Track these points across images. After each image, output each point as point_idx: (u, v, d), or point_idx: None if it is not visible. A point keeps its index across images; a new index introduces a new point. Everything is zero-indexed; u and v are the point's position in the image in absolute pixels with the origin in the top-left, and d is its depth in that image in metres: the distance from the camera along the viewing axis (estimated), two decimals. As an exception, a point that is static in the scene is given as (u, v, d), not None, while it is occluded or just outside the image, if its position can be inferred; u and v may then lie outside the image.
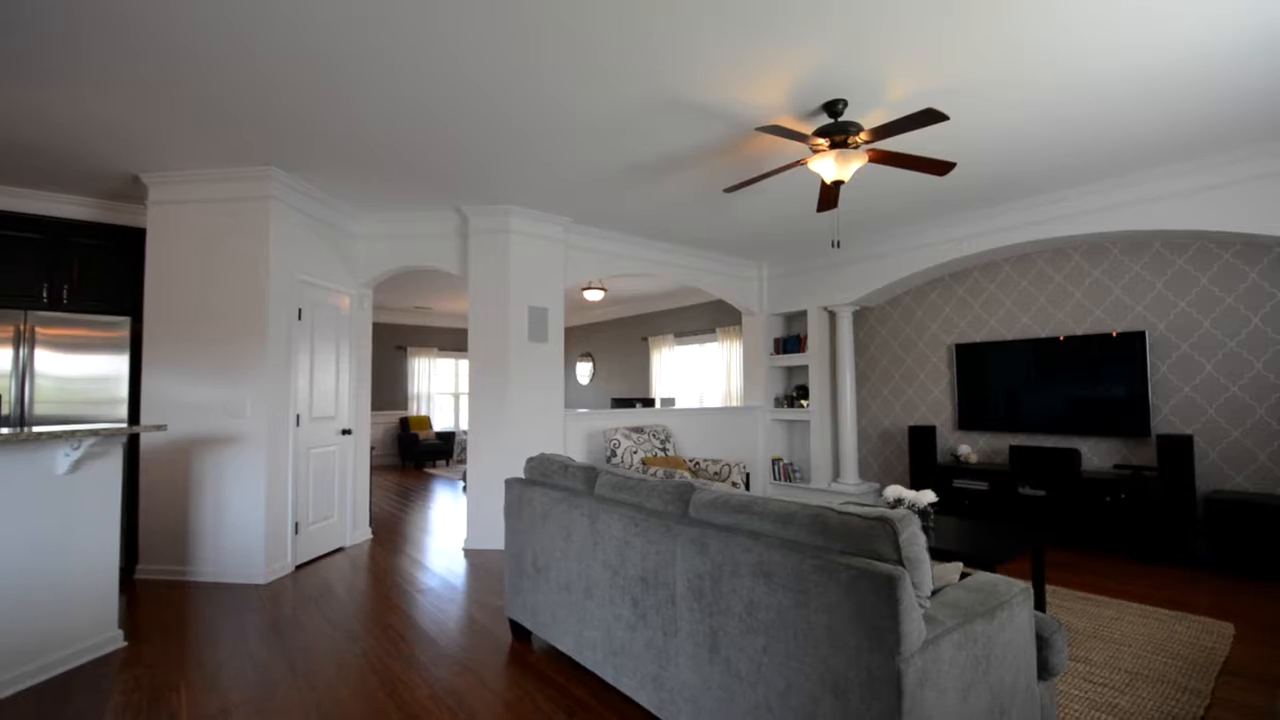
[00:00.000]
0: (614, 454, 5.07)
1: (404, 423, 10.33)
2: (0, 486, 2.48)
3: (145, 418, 4.01)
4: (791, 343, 6.77)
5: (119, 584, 3.01)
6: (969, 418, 5.58)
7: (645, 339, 9.92)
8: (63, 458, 2.67)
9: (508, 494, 3.02)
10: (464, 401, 11.78)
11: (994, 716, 1.58)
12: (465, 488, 7.87)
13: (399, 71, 2.83)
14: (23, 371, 3.76)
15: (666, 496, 2.11)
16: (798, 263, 6.67)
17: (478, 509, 4.85)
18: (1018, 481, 4.91)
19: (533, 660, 2.79)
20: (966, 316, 5.76)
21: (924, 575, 1.48)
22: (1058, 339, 5.04)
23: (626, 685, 2.21)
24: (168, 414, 4.00)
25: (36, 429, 2.61)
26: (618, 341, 10.67)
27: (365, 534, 5.13)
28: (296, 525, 4.24)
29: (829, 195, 3.79)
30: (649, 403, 7.10)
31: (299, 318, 4.30)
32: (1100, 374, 4.77)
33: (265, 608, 3.50)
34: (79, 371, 3.94)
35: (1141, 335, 4.57)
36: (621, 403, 6.89)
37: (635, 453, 5.07)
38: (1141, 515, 4.27)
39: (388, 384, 10.58)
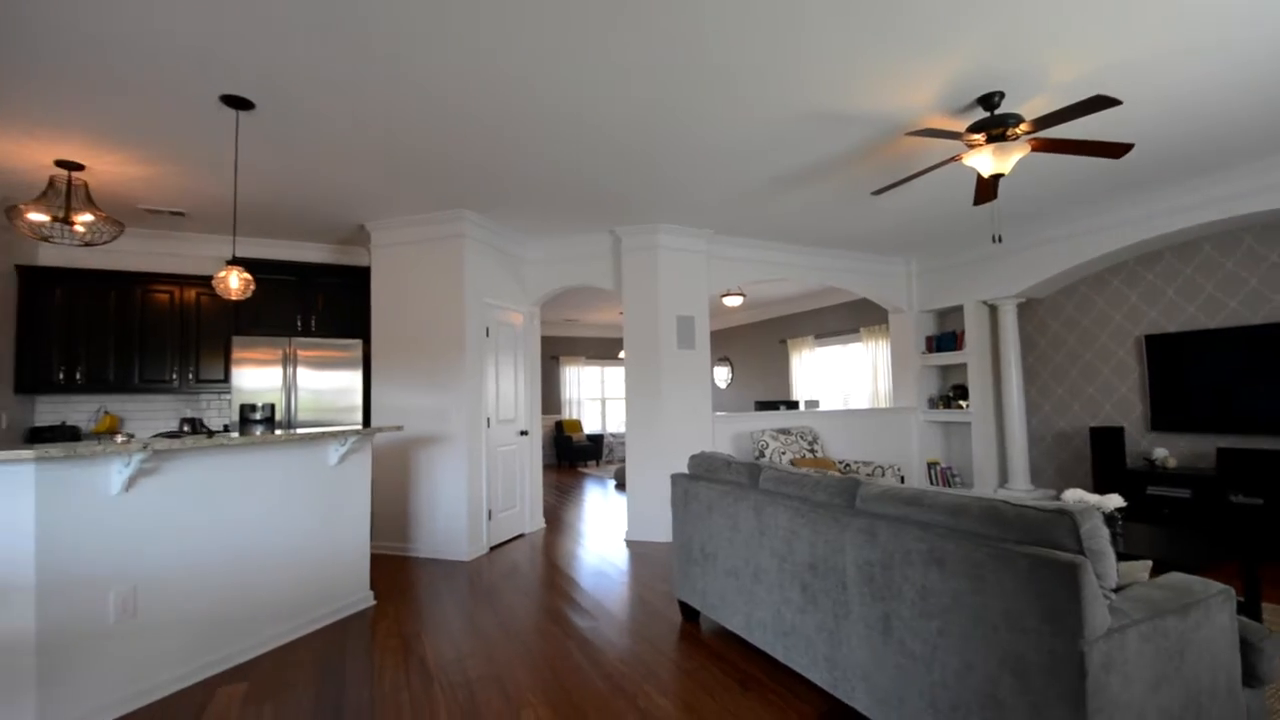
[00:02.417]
0: (762, 454, 5.24)
1: (558, 426, 11.22)
2: (296, 474, 3.25)
3: (375, 421, 4.90)
4: (946, 340, 6.47)
5: (369, 554, 3.76)
6: (1165, 418, 5.01)
7: (784, 341, 9.92)
8: (334, 452, 3.43)
9: (674, 488, 3.34)
10: (610, 406, 12.51)
11: (1189, 713, 1.57)
12: (616, 486, 8.44)
13: (559, 136, 3.28)
14: (289, 386, 4.79)
15: (832, 490, 2.29)
16: (951, 256, 6.38)
17: (636, 503, 5.26)
18: (1228, 488, 4.34)
19: (703, 638, 3.08)
20: (1158, 304, 5.17)
21: (1107, 567, 1.53)
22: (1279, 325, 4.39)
23: (798, 663, 2.41)
24: (391, 418, 4.87)
25: (316, 430, 3.39)
26: (755, 345, 10.75)
27: (540, 523, 5.76)
28: (490, 513, 4.92)
29: (986, 188, 3.69)
30: (792, 405, 7.14)
31: (487, 335, 5.00)
32: (1341, 365, 4.09)
33: (471, 580, 4.14)
34: (326, 385, 4.92)
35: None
36: (765, 405, 7.01)
37: (783, 454, 5.20)
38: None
39: (544, 390, 11.56)
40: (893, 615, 1.94)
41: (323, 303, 5.22)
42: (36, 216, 3.46)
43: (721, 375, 11.66)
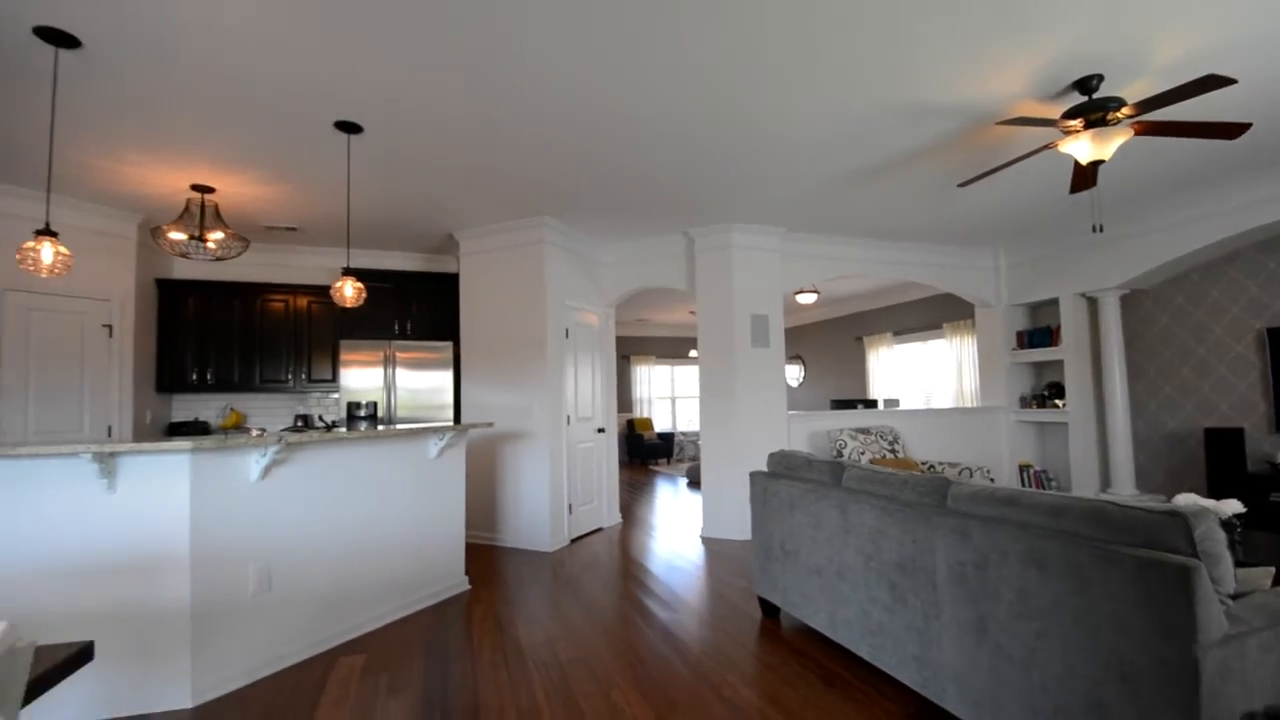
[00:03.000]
0: (839, 454, 5.17)
1: (630, 424, 11.41)
2: (401, 466, 3.52)
3: (464, 418, 5.20)
4: (1039, 335, 6.14)
5: (463, 543, 4.02)
6: (1296, 418, 4.56)
7: (860, 338, 9.66)
8: (433, 446, 3.69)
9: (753, 485, 3.39)
10: (680, 405, 12.58)
11: (1324, 730, 1.48)
12: (688, 484, 8.51)
13: (633, 139, 3.38)
14: (389, 385, 5.17)
15: (922, 489, 2.27)
16: (1044, 246, 6.04)
17: (711, 501, 5.31)
18: (1377, 497, 3.91)
19: (783, 634, 3.10)
20: (1287, 294, 4.72)
21: (1224, 572, 1.47)
22: None
23: (886, 663, 2.40)
24: (479, 415, 5.15)
25: (417, 425, 3.65)
26: (829, 342, 10.52)
27: (616, 518, 5.92)
28: (570, 506, 5.12)
29: (1084, 175, 3.51)
30: (870, 404, 6.97)
31: (566, 336, 5.20)
32: None
33: (554, 570, 4.33)
34: (421, 384, 5.27)
35: None
36: (840, 404, 6.88)
37: (862, 453, 5.11)
38: None
39: (617, 389, 11.76)
40: (988, 616, 1.92)
41: (416, 308, 5.59)
42: (176, 235, 3.92)
43: (793, 373, 11.49)
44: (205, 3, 2.30)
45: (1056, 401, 6.00)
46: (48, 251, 2.56)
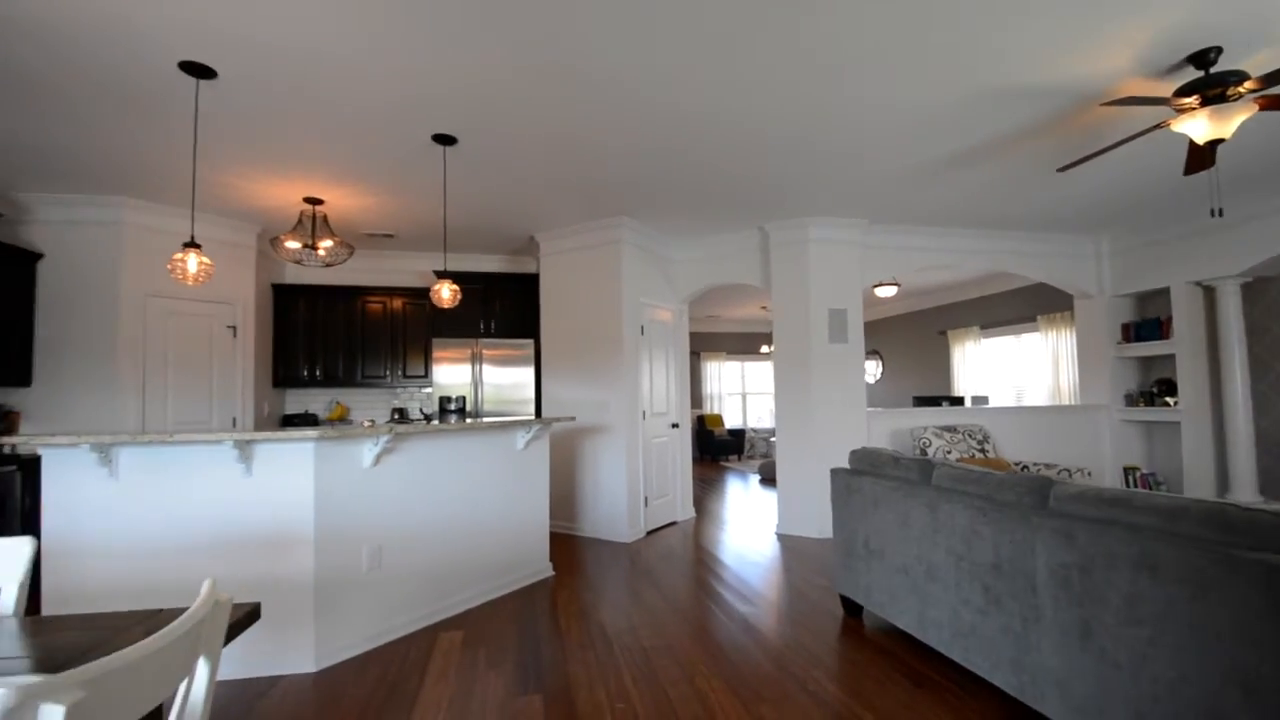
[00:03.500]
0: (924, 453, 5.01)
1: (700, 420, 11.43)
2: (492, 456, 3.73)
3: (545, 412, 5.42)
4: (1148, 327, 5.70)
5: (547, 531, 4.20)
6: None
7: (943, 332, 9.25)
8: (520, 438, 3.88)
9: (834, 482, 3.36)
10: (750, 401, 12.48)
11: None
12: (761, 480, 8.45)
13: (709, 136, 3.41)
14: (476, 380, 5.46)
15: (1020, 489, 2.20)
16: (1153, 232, 5.59)
17: (786, 498, 5.28)
18: None
19: (867, 633, 3.07)
20: None
21: (1369, 583, 1.37)
22: None
23: (979, 666, 2.35)
24: (559, 410, 5.35)
25: (505, 419, 3.86)
26: (910, 337, 10.13)
27: (690, 513, 5.98)
28: (646, 499, 5.23)
29: (1201, 155, 3.24)
30: (956, 401, 6.69)
31: (641, 333, 5.31)
32: None
33: (632, 560, 4.45)
34: (504, 380, 5.54)
35: None
36: (924, 401, 6.64)
37: (949, 452, 4.93)
38: None
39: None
40: (1093, 621, 1.85)
41: (499, 307, 5.86)
42: (292, 244, 4.30)
43: (870, 369, 11.15)
44: (323, 33, 2.53)
45: (1167, 399, 5.55)
46: (193, 261, 2.90)
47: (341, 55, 2.69)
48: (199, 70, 2.80)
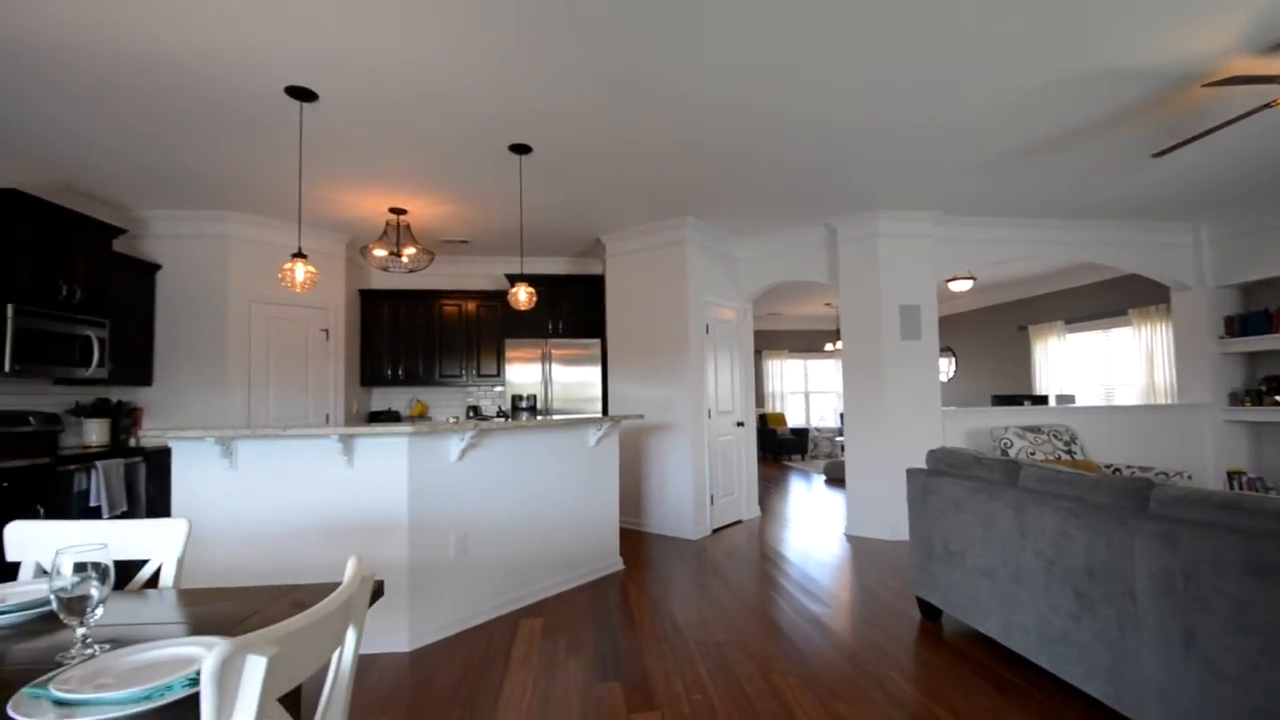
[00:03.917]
0: (1004, 454, 4.82)
1: (762, 419, 11.32)
2: (566, 452, 3.87)
3: (611, 410, 5.54)
4: (1256, 320, 5.26)
5: (617, 526, 4.31)
6: None
7: (1023, 328, 8.81)
8: (592, 435, 4.00)
9: (911, 483, 3.30)
10: (814, 400, 12.26)
11: None
12: (826, 480, 8.31)
13: (784, 140, 3.40)
14: (546, 379, 5.64)
15: (1116, 491, 2.12)
16: (1260, 217, 5.16)
17: (855, 498, 5.19)
18: None
19: (946, 637, 3.01)
20: None
21: None
22: None
23: (1070, 674, 2.27)
24: (625, 408, 5.46)
25: (576, 416, 3.98)
26: (986, 333, 9.70)
27: (755, 512, 5.97)
28: (711, 497, 5.27)
29: (1323, 135, 2.99)
30: (1039, 400, 6.37)
31: (706, 332, 5.34)
32: None
33: (699, 557, 4.50)
34: (572, 379, 5.70)
35: None
36: (1002, 400, 6.36)
37: (1032, 454, 4.73)
38: None
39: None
40: (1197, 629, 1.77)
41: (566, 308, 6.03)
42: (379, 252, 4.58)
43: (942, 367, 10.73)
44: (412, 55, 2.71)
45: (1277, 398, 5.11)
46: (300, 271, 3.16)
47: (428, 75, 2.87)
48: (303, 94, 3.04)
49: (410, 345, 6.00)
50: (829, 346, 10.98)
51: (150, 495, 4.34)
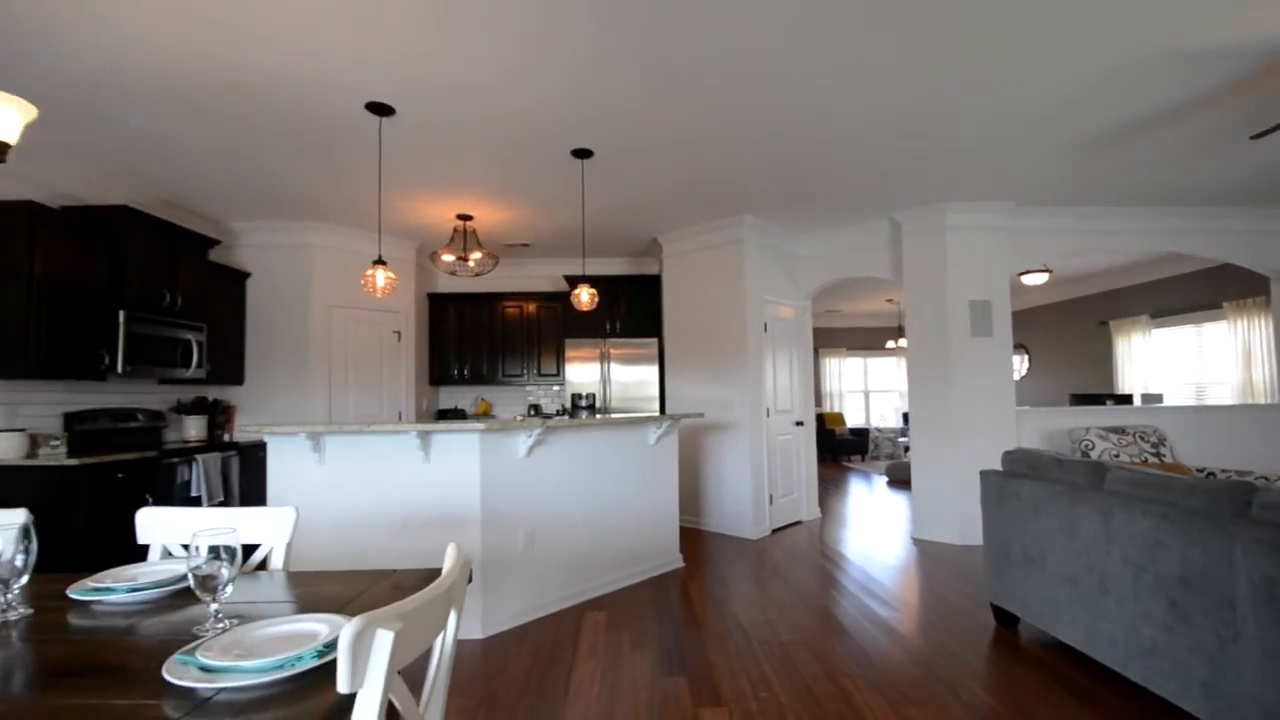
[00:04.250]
0: (1085, 455, 4.58)
1: (820, 418, 11.10)
2: (627, 450, 3.94)
3: (669, 409, 5.58)
4: (1376, 314, 4.80)
5: (677, 524, 4.35)
6: None
7: (1104, 323, 8.32)
8: (652, 434, 4.05)
9: (985, 486, 3.19)
10: (874, 399, 11.93)
11: None
12: (888, 482, 8.09)
13: (840, 131, 3.35)
14: (604, 379, 5.74)
15: (1213, 495, 2.00)
16: (1383, 200, 4.70)
17: (922, 501, 5.05)
18: None
19: (1023, 645, 2.90)
20: None
21: None
22: None
23: (1162, 687, 2.16)
24: (683, 407, 5.49)
25: (636, 415, 4.04)
26: (1063, 328, 9.20)
27: (815, 512, 5.89)
28: (771, 497, 5.24)
29: None
30: (1123, 399, 6.01)
31: (764, 330, 5.31)
32: None
33: (759, 556, 4.48)
34: (630, 378, 5.77)
35: None
36: (1081, 399, 6.03)
37: (1116, 456, 4.48)
38: None
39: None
40: (1310, 645, 1.66)
41: (624, 308, 6.11)
42: (448, 257, 4.77)
43: (1015, 364, 10.24)
44: (483, 69, 2.83)
45: None
46: (380, 277, 3.35)
47: (504, 89, 2.98)
48: (381, 109, 3.21)
49: (475, 346, 6.22)
50: (890, 344, 10.67)
51: (243, 487, 4.68)
